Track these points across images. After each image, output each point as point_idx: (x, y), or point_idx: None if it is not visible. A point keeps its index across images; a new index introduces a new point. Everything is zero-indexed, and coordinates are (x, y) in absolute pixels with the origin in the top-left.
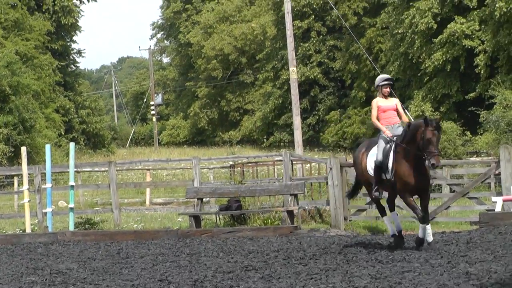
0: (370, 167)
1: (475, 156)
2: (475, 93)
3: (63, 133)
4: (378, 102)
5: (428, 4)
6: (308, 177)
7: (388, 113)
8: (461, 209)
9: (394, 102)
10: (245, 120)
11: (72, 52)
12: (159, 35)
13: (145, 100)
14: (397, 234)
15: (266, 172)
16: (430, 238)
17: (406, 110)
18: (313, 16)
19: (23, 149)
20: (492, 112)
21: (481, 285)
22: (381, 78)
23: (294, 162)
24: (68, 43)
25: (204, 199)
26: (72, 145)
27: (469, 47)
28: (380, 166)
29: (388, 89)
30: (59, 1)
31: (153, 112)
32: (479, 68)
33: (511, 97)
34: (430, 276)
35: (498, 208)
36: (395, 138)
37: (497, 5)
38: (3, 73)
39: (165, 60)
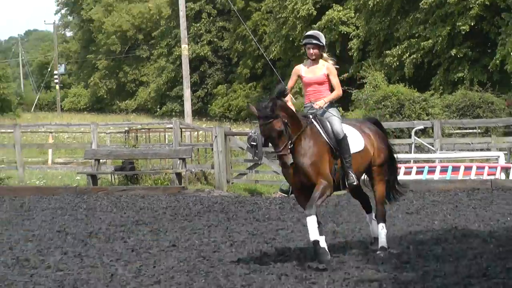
0: None
1: None
2: (348, 74)
3: None
4: (301, 70)
5: None
6: (196, 143)
7: (313, 87)
8: None
9: (323, 71)
10: (141, 91)
11: None
12: (63, 11)
13: (49, 69)
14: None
15: (158, 138)
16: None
17: None
18: (203, 0)
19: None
20: (363, 91)
21: (345, 242)
22: (305, 35)
23: (183, 129)
24: None
25: (101, 160)
26: None
27: (345, 32)
28: None
29: (312, 51)
30: None
31: (56, 80)
32: (353, 51)
33: (380, 78)
34: (301, 233)
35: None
36: None
37: None
38: None
39: (69, 34)
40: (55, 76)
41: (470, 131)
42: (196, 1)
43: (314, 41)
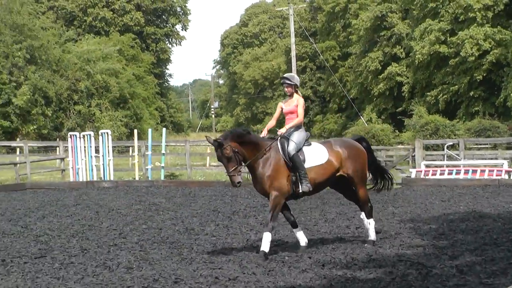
0: None
1: (401, 144)
2: (402, 108)
3: (159, 122)
4: (283, 104)
5: (376, 55)
6: None
7: (288, 116)
8: None
9: (294, 103)
10: (267, 119)
11: (166, 75)
12: (217, 67)
13: (208, 104)
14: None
15: None
16: (264, 248)
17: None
18: (308, 59)
19: (135, 131)
20: (412, 119)
21: (401, 220)
22: (280, 77)
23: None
24: (163, 70)
25: None
26: (164, 129)
27: (399, 81)
28: None
29: (287, 89)
30: (159, 44)
31: (213, 111)
32: (404, 93)
33: (423, 110)
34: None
35: (413, 176)
36: None
37: (416, 56)
38: (125, 86)
39: (221, 81)
40: (212, 109)
41: (484, 146)
42: (303, 60)
43: (287, 82)
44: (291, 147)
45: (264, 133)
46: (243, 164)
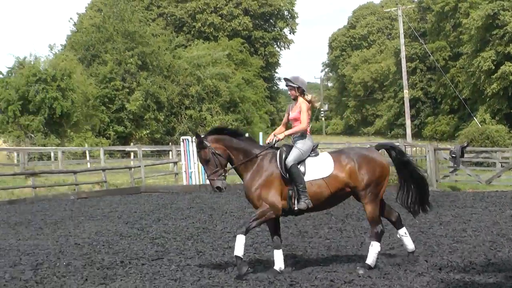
0: None
1: None
2: None
3: (269, 125)
4: (289, 109)
5: (488, 54)
6: (414, 155)
7: (293, 123)
8: (507, 177)
9: (297, 110)
10: (377, 121)
11: (275, 78)
12: (326, 70)
13: (317, 107)
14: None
15: None
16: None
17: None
18: (418, 60)
19: (246, 134)
20: None
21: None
22: (283, 78)
23: (405, 145)
24: (272, 73)
25: None
26: None
27: None
28: None
29: (290, 92)
30: (267, 48)
31: (322, 114)
32: None
33: None
34: (487, 217)
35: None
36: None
37: None
38: (235, 90)
39: (330, 84)
40: (322, 112)
41: None
42: (412, 61)
43: (290, 84)
44: (291, 158)
45: (269, 140)
46: (226, 168)
